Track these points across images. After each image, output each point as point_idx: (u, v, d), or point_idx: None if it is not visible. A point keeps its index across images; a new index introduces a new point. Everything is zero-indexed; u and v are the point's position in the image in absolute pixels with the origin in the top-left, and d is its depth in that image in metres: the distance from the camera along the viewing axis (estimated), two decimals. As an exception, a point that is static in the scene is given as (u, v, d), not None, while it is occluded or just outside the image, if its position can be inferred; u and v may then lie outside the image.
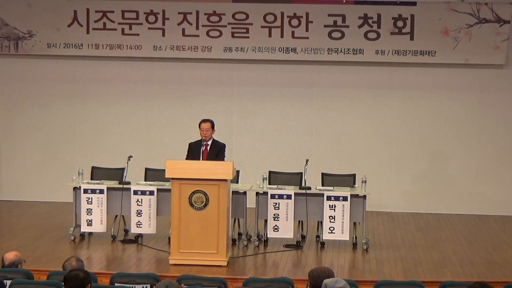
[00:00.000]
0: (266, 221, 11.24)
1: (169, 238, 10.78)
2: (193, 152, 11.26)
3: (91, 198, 11.34)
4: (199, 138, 11.28)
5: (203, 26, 14.04)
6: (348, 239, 11.17)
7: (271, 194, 11.16)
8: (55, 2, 14.16)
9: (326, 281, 6.42)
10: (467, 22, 13.69)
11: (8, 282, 7.25)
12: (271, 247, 11.16)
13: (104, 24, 14.15)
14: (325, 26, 13.90)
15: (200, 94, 14.34)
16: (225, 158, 11.32)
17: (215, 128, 11.36)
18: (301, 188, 11.34)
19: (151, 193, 11.23)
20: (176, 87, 14.38)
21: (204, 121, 11.37)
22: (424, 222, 13.25)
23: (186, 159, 11.24)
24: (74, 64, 14.41)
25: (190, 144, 11.41)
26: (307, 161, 11.55)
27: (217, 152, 11.24)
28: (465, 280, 9.03)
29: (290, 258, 10.71)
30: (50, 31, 14.17)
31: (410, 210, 14.05)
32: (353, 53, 13.89)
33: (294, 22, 13.94)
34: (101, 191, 11.35)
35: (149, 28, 14.09)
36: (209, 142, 11.27)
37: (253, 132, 14.34)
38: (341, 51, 13.90)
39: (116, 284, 7.66)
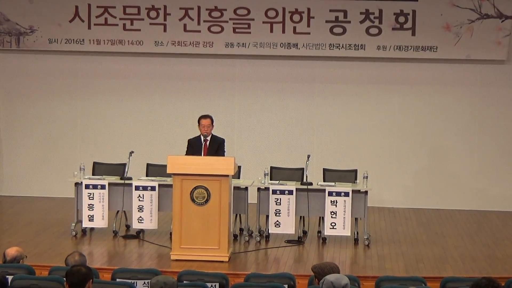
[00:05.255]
0: (267, 216, 11.24)
1: (170, 234, 10.79)
2: (193, 148, 11.26)
3: (93, 193, 11.34)
4: (199, 133, 11.28)
5: (204, 21, 14.03)
6: (349, 234, 11.17)
7: (272, 190, 11.15)
8: (57, -2, 14.17)
9: (330, 278, 6.34)
10: (469, 18, 13.67)
11: (10, 278, 7.25)
12: (273, 242, 11.17)
13: (106, 19, 14.15)
14: (326, 21, 13.89)
15: (202, 90, 14.33)
16: (225, 153, 11.33)
17: (214, 123, 11.35)
18: (302, 183, 11.34)
19: (153, 188, 11.23)
20: (178, 82, 14.38)
21: (204, 117, 11.34)
22: (425, 218, 13.25)
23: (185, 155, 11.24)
24: (76, 60, 14.40)
25: (189, 141, 11.40)
26: (308, 156, 11.54)
27: (216, 147, 11.24)
28: (467, 275, 9.06)
29: (292, 253, 10.71)
30: (52, 26, 14.16)
31: (412, 205, 14.05)
32: (354, 49, 13.88)
33: (296, 17, 13.93)
34: (103, 187, 11.35)
35: (150, 24, 14.08)
36: (208, 138, 11.26)
37: (255, 127, 14.34)
38: (342, 46, 13.89)
39: (117, 280, 7.66)
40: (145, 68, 14.39)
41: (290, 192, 11.13)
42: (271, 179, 11.65)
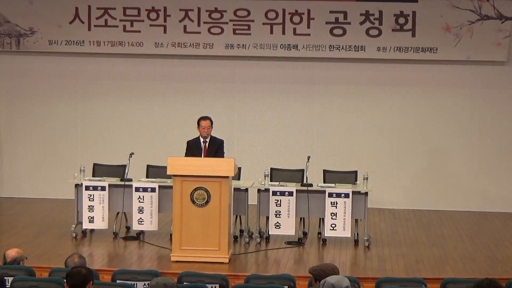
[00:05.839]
0: (267, 218, 11.24)
1: (170, 235, 10.79)
2: (192, 150, 11.25)
3: (93, 195, 11.34)
4: (197, 135, 11.27)
5: (204, 23, 14.04)
6: (349, 236, 11.17)
7: (272, 191, 11.16)
8: (57, -1, 14.18)
9: (330, 280, 6.32)
10: (469, 19, 13.68)
11: (10, 279, 7.25)
12: (273, 244, 11.17)
13: (106, 21, 14.16)
14: (326, 23, 13.89)
15: (202, 91, 14.33)
16: (224, 154, 11.33)
17: (213, 125, 11.34)
18: (302, 185, 11.34)
19: (153, 190, 11.23)
20: (178, 84, 14.38)
21: (203, 118, 11.33)
22: (425, 219, 13.25)
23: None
24: (76, 61, 14.41)
25: (188, 143, 11.40)
26: (308, 158, 11.55)
27: (216, 148, 11.24)
28: (467, 277, 9.06)
29: (292, 255, 10.71)
30: (52, 28, 14.17)
31: (412, 207, 14.05)
32: (354, 50, 13.89)
33: (296, 19, 13.93)
34: (103, 188, 11.35)
35: (150, 25, 14.09)
36: (208, 139, 11.26)
37: (255, 129, 14.34)
38: (342, 48, 13.89)
39: (118, 281, 7.66)
40: (145, 69, 14.39)
41: (290, 194, 11.14)
42: (271, 181, 11.64)
